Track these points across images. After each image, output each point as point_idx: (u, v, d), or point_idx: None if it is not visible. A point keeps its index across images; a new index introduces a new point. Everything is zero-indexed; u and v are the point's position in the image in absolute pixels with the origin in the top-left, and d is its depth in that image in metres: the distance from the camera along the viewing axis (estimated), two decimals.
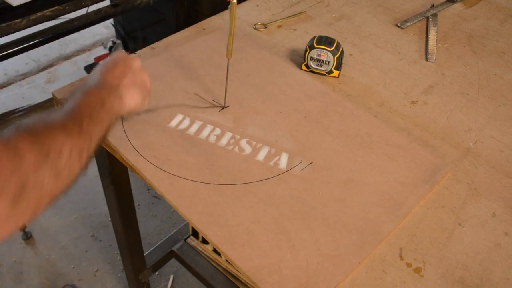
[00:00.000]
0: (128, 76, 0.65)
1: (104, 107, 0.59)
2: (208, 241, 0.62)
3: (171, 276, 1.46)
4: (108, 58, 0.67)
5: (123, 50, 0.72)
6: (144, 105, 0.69)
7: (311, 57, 0.88)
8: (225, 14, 1.06)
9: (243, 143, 0.75)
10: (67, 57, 2.29)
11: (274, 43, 0.99)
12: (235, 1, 0.67)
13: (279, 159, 0.72)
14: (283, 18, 1.05)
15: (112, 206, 1.03)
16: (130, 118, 0.75)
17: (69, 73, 2.20)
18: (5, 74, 2.18)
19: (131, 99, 0.65)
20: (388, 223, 0.65)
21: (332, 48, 0.86)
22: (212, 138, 0.75)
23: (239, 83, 0.86)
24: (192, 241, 1.12)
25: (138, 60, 0.68)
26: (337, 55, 0.86)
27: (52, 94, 0.81)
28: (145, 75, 0.68)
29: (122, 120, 0.75)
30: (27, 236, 1.52)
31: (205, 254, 1.08)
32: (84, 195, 1.66)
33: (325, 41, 0.86)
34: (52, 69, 2.23)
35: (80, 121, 0.54)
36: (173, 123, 0.77)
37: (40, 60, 2.26)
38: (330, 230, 0.63)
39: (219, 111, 0.80)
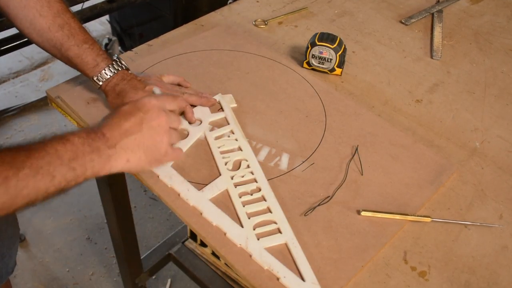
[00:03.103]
0: (137, 134, 0.56)
1: (70, 163, 0.51)
2: (207, 244, 0.61)
3: (169, 280, 1.45)
4: (137, 101, 0.59)
5: (159, 94, 0.66)
6: (150, 169, 0.61)
7: (312, 55, 0.87)
8: (224, 10, 1.06)
9: None
10: None
11: (274, 40, 0.98)
12: None
13: (279, 160, 0.72)
14: (284, 14, 1.05)
15: (108, 208, 1.03)
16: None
17: (63, 71, 2.18)
18: None
19: (126, 162, 0.56)
20: (392, 226, 0.64)
21: (335, 45, 0.85)
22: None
23: (239, 81, 0.85)
24: (190, 244, 1.12)
25: (166, 115, 0.59)
26: (340, 52, 0.85)
27: (46, 92, 0.80)
28: (164, 137, 0.59)
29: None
30: (20, 239, 1.51)
31: (204, 258, 1.07)
32: (79, 196, 1.65)
33: (327, 38, 0.85)
34: (46, 66, 2.22)
35: (18, 168, 0.47)
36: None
37: (34, 58, 2.25)
38: (333, 233, 0.62)
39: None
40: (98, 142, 0.54)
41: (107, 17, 2.08)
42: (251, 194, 0.66)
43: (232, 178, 0.67)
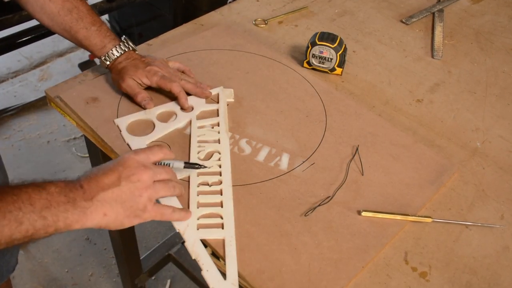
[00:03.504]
0: (115, 188, 0.54)
1: (41, 212, 0.48)
2: (206, 244, 0.61)
3: (168, 281, 1.44)
4: (119, 158, 0.57)
5: (142, 148, 0.61)
6: (130, 225, 0.57)
7: (313, 54, 0.86)
8: (224, 9, 1.05)
9: (243, 143, 0.73)
10: (60, 54, 2.27)
11: (274, 39, 0.98)
12: None
13: (279, 160, 0.71)
14: (284, 14, 1.05)
15: None
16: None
17: (62, 71, 2.18)
18: None
19: (102, 216, 0.53)
20: (392, 226, 0.64)
21: (335, 44, 0.84)
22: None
23: (238, 81, 0.84)
24: None
25: (147, 171, 0.56)
26: (340, 52, 0.85)
27: (45, 92, 0.80)
28: (143, 193, 0.55)
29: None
30: None
31: None
32: None
33: (327, 37, 0.85)
34: (45, 66, 2.21)
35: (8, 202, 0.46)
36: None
37: (33, 57, 2.24)
38: (333, 233, 0.62)
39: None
40: (74, 193, 0.52)
41: (106, 16, 2.07)
42: (210, 186, 0.66)
43: None
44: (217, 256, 0.59)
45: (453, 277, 0.59)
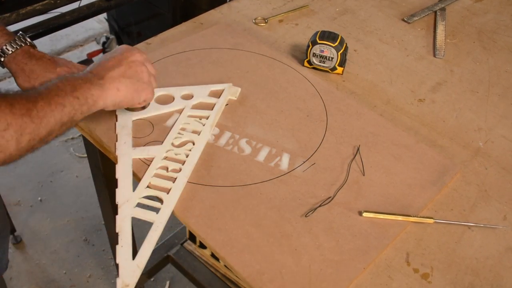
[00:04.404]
0: (119, 68, 0.64)
1: (73, 94, 0.58)
2: (206, 245, 0.61)
3: (167, 282, 1.44)
4: (111, 51, 0.68)
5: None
6: (141, 99, 0.68)
7: (313, 53, 0.86)
8: (224, 8, 1.05)
9: (243, 143, 0.73)
10: (58, 53, 2.26)
11: (275, 38, 0.97)
12: None
13: (280, 160, 0.71)
14: (285, 12, 1.04)
15: (105, 209, 1.02)
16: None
17: None
18: None
19: (116, 91, 0.64)
20: (394, 227, 0.63)
21: (336, 43, 0.84)
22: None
23: (238, 80, 0.84)
24: (189, 245, 1.11)
25: (139, 52, 0.68)
26: (341, 51, 0.84)
27: None
28: (143, 68, 0.67)
29: (116, 116, 0.73)
30: (16, 240, 1.49)
31: (203, 259, 1.07)
32: (76, 197, 1.63)
33: (328, 36, 0.85)
34: None
35: (35, 102, 0.54)
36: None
37: None
38: (334, 234, 0.62)
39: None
40: (88, 76, 0.61)
41: (104, 15, 2.07)
42: (168, 171, 0.67)
43: (167, 151, 0.69)
44: (216, 257, 0.59)
45: (455, 279, 0.59)
